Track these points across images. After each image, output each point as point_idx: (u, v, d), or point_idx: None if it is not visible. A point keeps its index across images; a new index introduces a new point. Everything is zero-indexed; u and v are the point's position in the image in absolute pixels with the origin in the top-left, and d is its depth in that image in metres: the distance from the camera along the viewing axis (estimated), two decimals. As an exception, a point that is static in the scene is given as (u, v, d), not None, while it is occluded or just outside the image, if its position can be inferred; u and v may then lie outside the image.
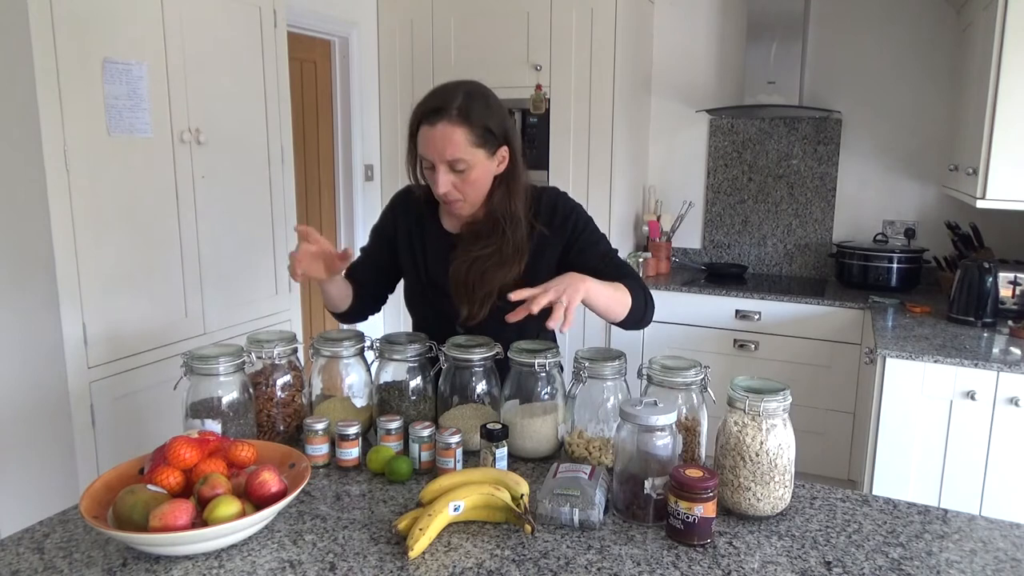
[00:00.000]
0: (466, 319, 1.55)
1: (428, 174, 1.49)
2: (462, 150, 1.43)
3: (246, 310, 2.72)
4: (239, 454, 1.18)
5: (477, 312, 1.53)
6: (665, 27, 3.80)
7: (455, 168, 1.45)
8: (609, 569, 1.05)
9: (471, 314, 1.54)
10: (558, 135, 3.48)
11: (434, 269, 1.61)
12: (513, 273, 1.52)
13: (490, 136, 1.46)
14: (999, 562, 1.08)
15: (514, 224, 1.52)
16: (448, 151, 1.42)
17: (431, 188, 1.51)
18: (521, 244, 1.52)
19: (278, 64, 2.78)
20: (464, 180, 1.47)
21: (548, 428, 1.40)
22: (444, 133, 1.42)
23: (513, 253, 1.52)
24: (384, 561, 1.06)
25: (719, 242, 3.87)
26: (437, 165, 1.44)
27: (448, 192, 1.47)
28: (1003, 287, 2.69)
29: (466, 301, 1.54)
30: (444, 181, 1.45)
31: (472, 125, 1.43)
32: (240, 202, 2.66)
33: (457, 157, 1.43)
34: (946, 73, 3.33)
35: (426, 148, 1.45)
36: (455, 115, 1.42)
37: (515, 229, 1.52)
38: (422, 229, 1.63)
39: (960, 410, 2.33)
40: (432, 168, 1.46)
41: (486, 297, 1.52)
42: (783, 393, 1.19)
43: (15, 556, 1.07)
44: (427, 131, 1.44)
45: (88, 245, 2.14)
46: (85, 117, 2.10)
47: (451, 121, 1.42)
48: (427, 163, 1.47)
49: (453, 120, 1.42)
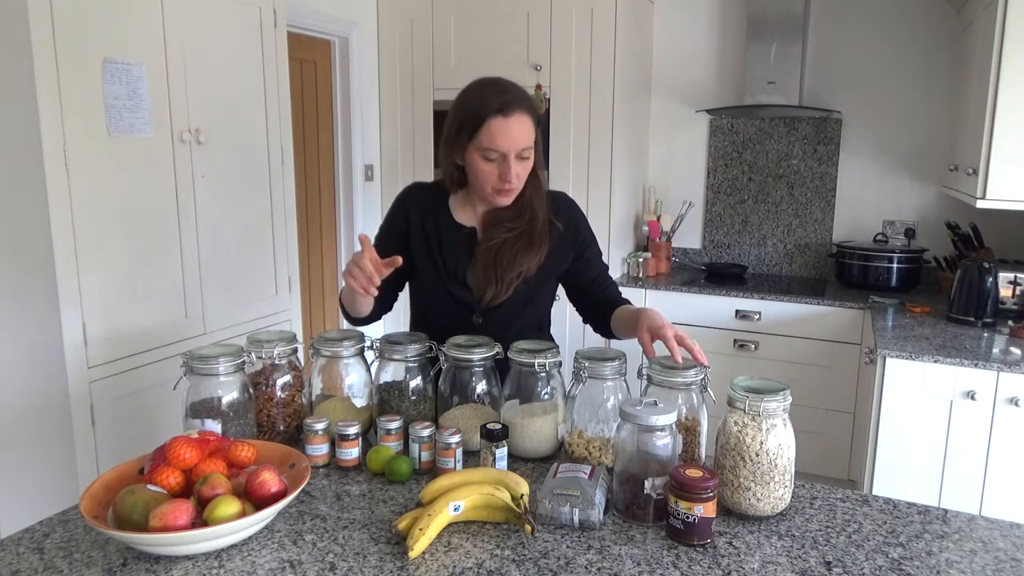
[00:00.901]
0: (490, 301, 1.57)
1: (486, 169, 1.49)
2: (533, 138, 1.50)
3: (246, 310, 2.72)
4: (239, 454, 1.18)
5: (503, 293, 1.56)
6: (665, 27, 3.80)
7: (522, 156, 1.49)
8: (609, 569, 1.05)
9: (496, 295, 1.56)
10: (558, 135, 3.48)
11: (451, 259, 1.62)
12: (538, 257, 1.58)
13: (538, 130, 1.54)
14: (999, 562, 1.08)
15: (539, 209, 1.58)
16: (524, 139, 1.48)
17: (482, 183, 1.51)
18: (544, 230, 1.58)
19: (278, 64, 2.78)
20: (525, 169, 1.52)
21: (548, 428, 1.40)
22: (521, 123, 1.47)
23: (538, 236, 1.57)
24: (384, 561, 1.06)
25: (719, 242, 3.87)
26: (511, 155, 1.47)
27: (516, 178, 1.50)
28: (1003, 287, 2.69)
29: (493, 282, 1.56)
30: (515, 168, 1.49)
31: (536, 119, 1.51)
32: (240, 202, 2.66)
33: (529, 145, 1.49)
34: (946, 73, 3.33)
35: (501, 139, 1.46)
36: (527, 105, 1.49)
37: (540, 213, 1.58)
38: (436, 222, 1.64)
39: (960, 410, 2.33)
40: (496, 160, 1.48)
41: (515, 278, 1.56)
42: (783, 393, 1.19)
43: (15, 556, 1.07)
44: (502, 122, 1.45)
45: (88, 245, 2.14)
46: (85, 117, 2.10)
47: (525, 111, 1.48)
48: (494, 155, 1.48)
49: (526, 110, 1.48)
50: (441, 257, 1.62)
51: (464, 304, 1.62)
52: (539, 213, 1.57)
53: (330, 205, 3.71)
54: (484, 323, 1.61)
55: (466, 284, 1.60)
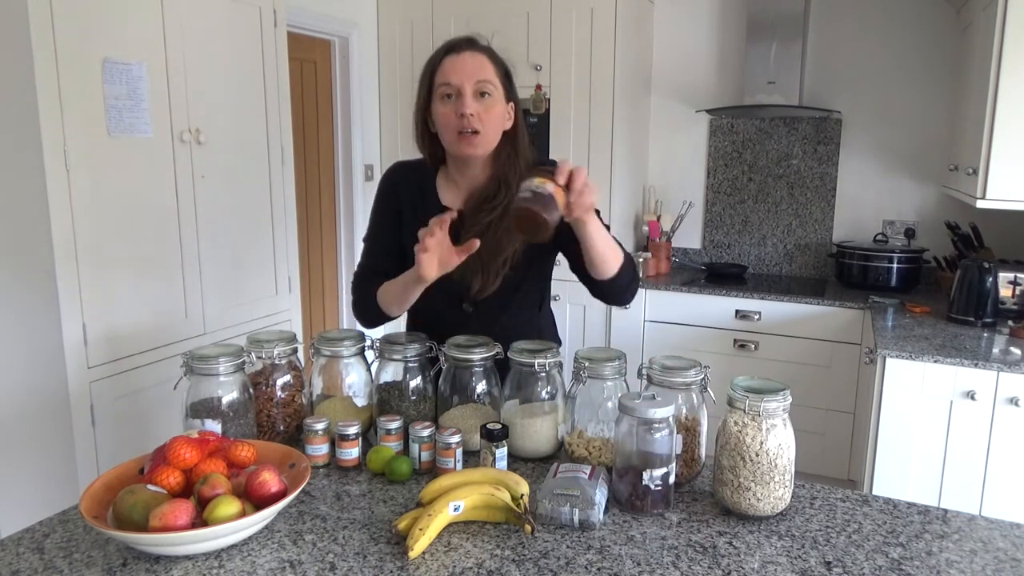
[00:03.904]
0: (478, 292, 1.54)
1: (444, 111, 1.47)
2: (491, 75, 1.48)
3: (246, 310, 2.72)
4: (239, 454, 1.18)
5: (492, 282, 1.52)
6: (665, 27, 3.80)
7: (481, 93, 1.46)
8: (609, 569, 1.05)
9: (484, 286, 1.53)
10: (558, 135, 3.48)
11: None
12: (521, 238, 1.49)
13: (507, 82, 1.52)
14: (999, 562, 1.08)
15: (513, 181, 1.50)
16: (478, 73, 1.46)
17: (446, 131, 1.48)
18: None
19: (278, 64, 2.78)
20: (487, 110, 1.47)
21: (548, 428, 1.40)
22: (475, 59, 1.47)
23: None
24: (384, 561, 1.06)
25: (719, 242, 3.87)
26: (465, 89, 1.45)
27: (473, 116, 1.45)
28: (1003, 287, 2.69)
29: (479, 273, 1.52)
30: (471, 104, 1.45)
31: (496, 63, 1.50)
32: (240, 202, 2.66)
33: (486, 79, 1.46)
34: (946, 73, 3.33)
35: (453, 73, 1.45)
36: (484, 47, 1.50)
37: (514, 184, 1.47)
38: (424, 204, 1.58)
39: (960, 410, 2.33)
40: (452, 97, 1.46)
41: (501, 265, 1.52)
42: (783, 393, 1.19)
43: (15, 556, 1.07)
44: (454, 59, 1.46)
45: (88, 245, 2.14)
46: (85, 117, 2.10)
47: (480, 51, 1.49)
48: (450, 90, 1.45)
49: (482, 50, 1.49)
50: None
51: (453, 292, 1.57)
52: (514, 185, 1.47)
53: (330, 205, 3.71)
54: (475, 311, 1.59)
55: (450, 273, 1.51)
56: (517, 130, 1.55)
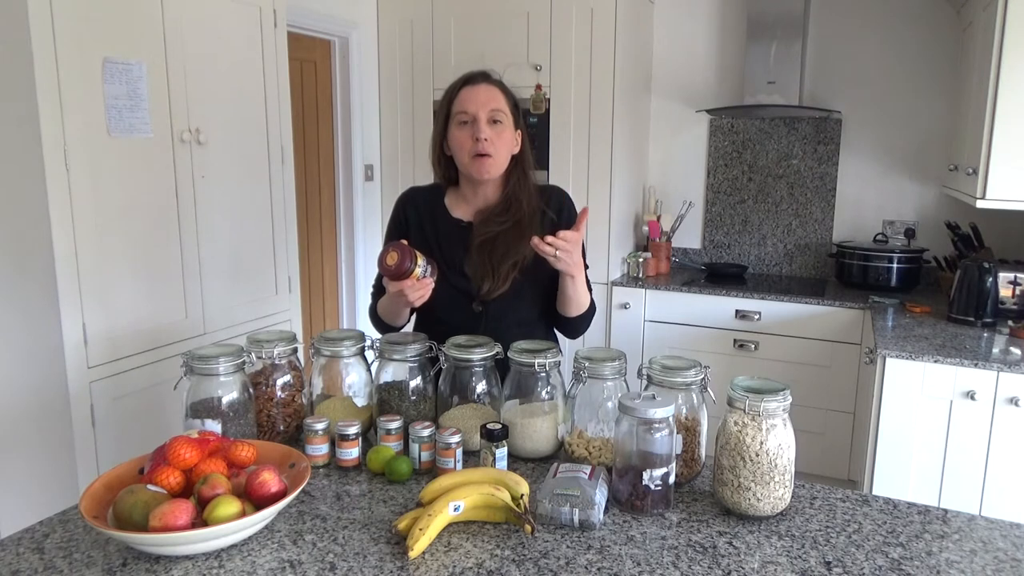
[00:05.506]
0: (488, 293, 1.65)
1: (460, 136, 1.63)
2: (502, 105, 1.65)
3: (246, 310, 2.72)
4: (239, 454, 1.18)
5: (501, 285, 1.64)
6: (665, 27, 3.79)
7: (494, 120, 1.63)
8: (609, 569, 1.05)
9: (493, 287, 1.65)
10: (558, 135, 3.48)
11: (449, 250, 1.69)
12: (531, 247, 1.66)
13: (516, 111, 1.69)
14: (999, 562, 1.08)
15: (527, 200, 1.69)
16: (492, 103, 1.64)
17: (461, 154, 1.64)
18: (532, 218, 1.68)
19: (278, 64, 2.78)
20: (498, 135, 1.64)
21: (548, 428, 1.40)
22: (489, 90, 1.65)
23: (527, 223, 1.66)
24: (384, 561, 1.06)
25: (719, 242, 3.87)
26: (480, 116, 1.61)
27: (487, 141, 1.61)
28: (1003, 287, 2.69)
29: (489, 274, 1.65)
30: (485, 129, 1.61)
31: (507, 94, 1.69)
32: (240, 202, 2.66)
33: (499, 108, 1.64)
34: (946, 73, 3.33)
35: (469, 103, 1.63)
36: (497, 81, 1.69)
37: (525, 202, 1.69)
38: (434, 219, 1.73)
39: (960, 410, 2.33)
40: (469, 124, 1.63)
41: (510, 269, 1.64)
42: (783, 393, 1.19)
43: (15, 556, 1.07)
44: (471, 90, 1.64)
45: (88, 245, 2.14)
46: (85, 117, 2.10)
47: (493, 83, 1.68)
48: (467, 117, 1.62)
49: (495, 84, 1.68)
50: (439, 249, 1.69)
51: (464, 292, 1.68)
52: (524, 203, 1.69)
53: (330, 205, 3.71)
54: (484, 311, 1.67)
55: (464, 273, 1.67)
56: (524, 154, 1.72)
